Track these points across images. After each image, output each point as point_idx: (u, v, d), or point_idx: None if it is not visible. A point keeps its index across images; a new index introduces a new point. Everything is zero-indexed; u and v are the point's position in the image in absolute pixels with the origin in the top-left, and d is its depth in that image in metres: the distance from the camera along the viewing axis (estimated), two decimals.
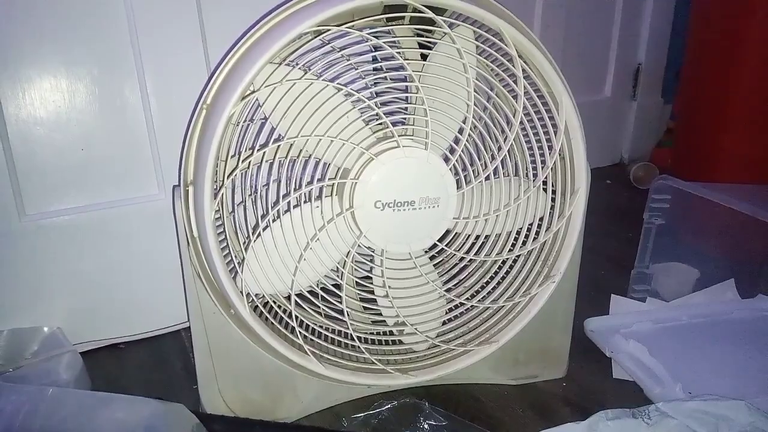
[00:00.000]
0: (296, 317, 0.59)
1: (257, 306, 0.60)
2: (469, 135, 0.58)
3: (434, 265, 0.67)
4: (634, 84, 1.51)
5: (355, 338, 0.61)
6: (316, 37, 0.55)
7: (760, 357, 0.74)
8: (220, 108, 0.52)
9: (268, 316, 0.60)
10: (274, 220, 0.57)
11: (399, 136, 0.57)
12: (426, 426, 0.63)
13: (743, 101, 1.16)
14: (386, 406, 0.66)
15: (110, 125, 0.75)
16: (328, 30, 0.52)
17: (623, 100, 1.51)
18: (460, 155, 0.59)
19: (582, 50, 1.36)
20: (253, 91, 0.53)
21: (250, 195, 0.63)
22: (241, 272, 0.57)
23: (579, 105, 0.60)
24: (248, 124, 0.60)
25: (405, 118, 0.63)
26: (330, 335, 0.63)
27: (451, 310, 0.67)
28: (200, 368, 0.63)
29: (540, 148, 0.61)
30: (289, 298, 0.58)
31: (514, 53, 0.56)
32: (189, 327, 0.63)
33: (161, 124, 0.77)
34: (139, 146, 0.77)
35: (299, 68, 0.55)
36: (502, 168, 0.62)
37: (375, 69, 0.65)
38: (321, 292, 0.61)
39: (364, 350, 0.61)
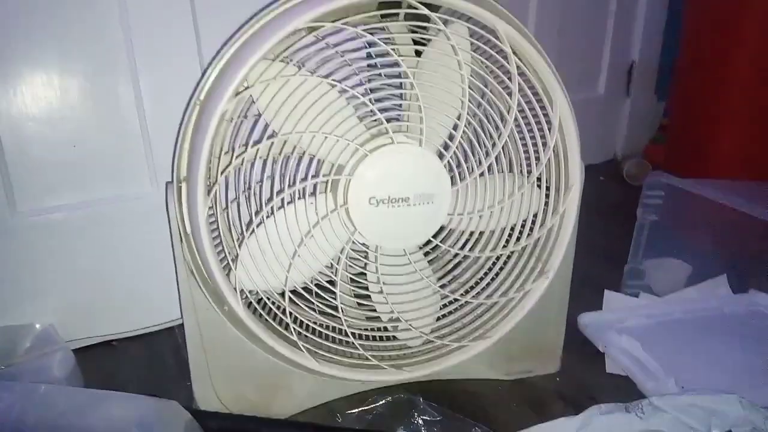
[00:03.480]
0: (290, 313, 0.59)
1: (251, 302, 0.60)
2: (463, 131, 0.58)
3: (428, 261, 0.67)
4: (628, 81, 1.51)
5: (350, 334, 0.61)
6: (310, 33, 0.55)
7: (751, 351, 0.75)
8: (214, 104, 0.52)
9: (262, 312, 0.60)
10: (267, 217, 0.57)
11: (393, 132, 0.57)
12: (420, 421, 0.63)
13: (736, 98, 1.17)
14: (381, 402, 0.67)
15: (103, 122, 0.75)
16: (323, 26, 0.52)
17: (617, 97, 1.51)
18: (454, 151, 0.59)
19: (576, 47, 1.37)
20: (247, 87, 0.53)
21: (244, 192, 0.63)
22: (235, 269, 0.57)
23: (573, 102, 0.60)
24: (242, 121, 0.59)
25: (399, 115, 0.63)
26: (324, 331, 0.63)
27: (445, 306, 0.67)
28: (194, 365, 0.63)
29: (534, 144, 0.61)
30: (283, 294, 0.58)
31: (508, 50, 0.56)
32: (182, 324, 0.62)
33: (154, 121, 0.76)
34: (132, 143, 0.77)
35: (293, 64, 0.55)
36: (497, 164, 0.62)
37: (369, 65, 0.65)
38: (315, 289, 0.61)
39: (358, 346, 0.61)
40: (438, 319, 0.67)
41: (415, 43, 0.63)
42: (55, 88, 0.71)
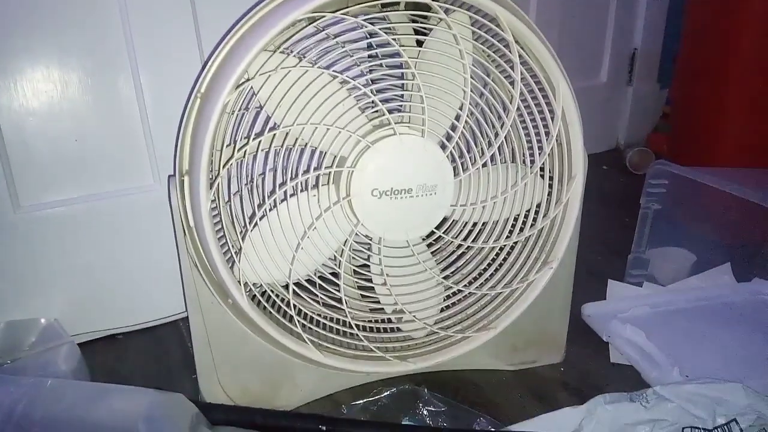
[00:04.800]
0: (294, 306, 0.59)
1: (255, 295, 0.60)
2: (465, 121, 0.58)
3: (432, 253, 0.67)
4: (630, 69, 1.50)
5: (354, 326, 0.61)
6: (310, 24, 0.55)
7: (756, 339, 0.75)
8: (215, 97, 0.52)
9: (266, 305, 0.60)
10: (270, 209, 0.57)
11: (395, 123, 0.56)
12: (425, 412, 0.63)
13: (739, 86, 1.16)
14: (385, 393, 0.67)
15: (104, 116, 0.75)
16: (323, 16, 0.52)
17: (619, 86, 1.50)
18: (457, 142, 0.58)
19: (578, 35, 1.36)
20: (248, 80, 0.53)
21: (246, 184, 0.63)
22: (239, 262, 0.57)
23: (575, 90, 0.60)
24: (243, 113, 0.59)
25: (401, 105, 0.62)
26: (328, 323, 0.63)
27: (449, 297, 0.67)
28: (199, 358, 0.63)
29: (537, 134, 0.61)
30: (287, 287, 0.58)
31: (510, 39, 0.55)
32: (187, 317, 0.62)
33: (155, 114, 0.76)
34: (134, 136, 0.77)
35: (294, 56, 0.55)
36: (499, 154, 0.61)
37: (370, 56, 0.65)
38: (319, 281, 0.61)
39: (362, 338, 0.62)
40: (442, 310, 0.67)
41: (416, 32, 0.62)
42: (55, 82, 0.71)
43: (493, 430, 0.60)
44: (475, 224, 0.65)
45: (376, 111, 0.56)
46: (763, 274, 0.87)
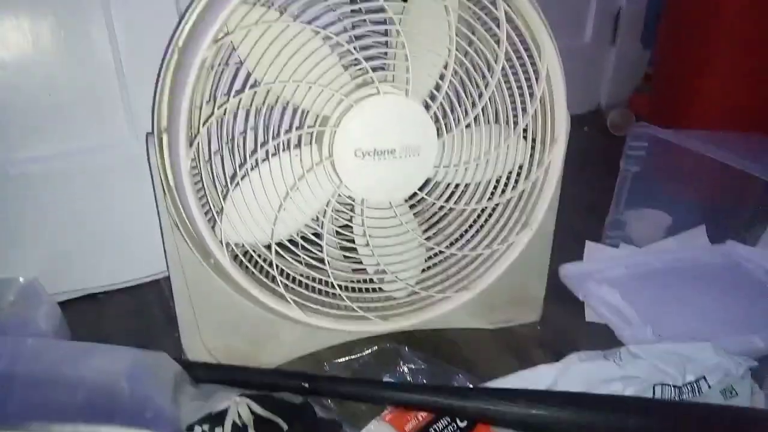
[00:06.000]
0: (277, 266, 0.59)
1: (237, 255, 0.59)
2: (450, 81, 0.57)
3: (414, 214, 0.67)
4: (614, 29, 1.49)
5: (336, 286, 0.61)
6: None
7: (726, 300, 0.77)
8: (193, 51, 0.50)
9: (248, 265, 0.60)
10: (252, 169, 0.56)
11: (379, 82, 0.55)
12: (405, 369, 0.65)
13: (722, 48, 1.16)
14: (367, 351, 0.68)
15: (78, 69, 0.72)
16: None
17: (602, 46, 1.49)
18: (441, 102, 0.58)
19: None
20: (227, 33, 0.51)
21: (227, 143, 0.62)
22: (220, 222, 0.56)
23: (558, 50, 0.59)
24: (223, 69, 0.58)
25: (385, 64, 0.61)
26: (311, 284, 0.64)
27: (430, 258, 0.67)
28: (181, 317, 0.63)
29: (521, 94, 0.60)
30: (269, 247, 0.58)
31: None
32: (169, 276, 0.62)
33: (131, 67, 0.74)
34: (109, 90, 0.74)
35: (275, 9, 0.53)
36: (483, 115, 0.61)
37: (353, 11, 0.63)
38: (301, 241, 0.60)
39: (345, 298, 0.62)
40: (423, 270, 0.68)
41: None
42: (25, 32, 0.68)
43: (471, 386, 0.62)
44: (457, 186, 0.65)
45: (360, 69, 0.55)
46: (736, 236, 0.89)
